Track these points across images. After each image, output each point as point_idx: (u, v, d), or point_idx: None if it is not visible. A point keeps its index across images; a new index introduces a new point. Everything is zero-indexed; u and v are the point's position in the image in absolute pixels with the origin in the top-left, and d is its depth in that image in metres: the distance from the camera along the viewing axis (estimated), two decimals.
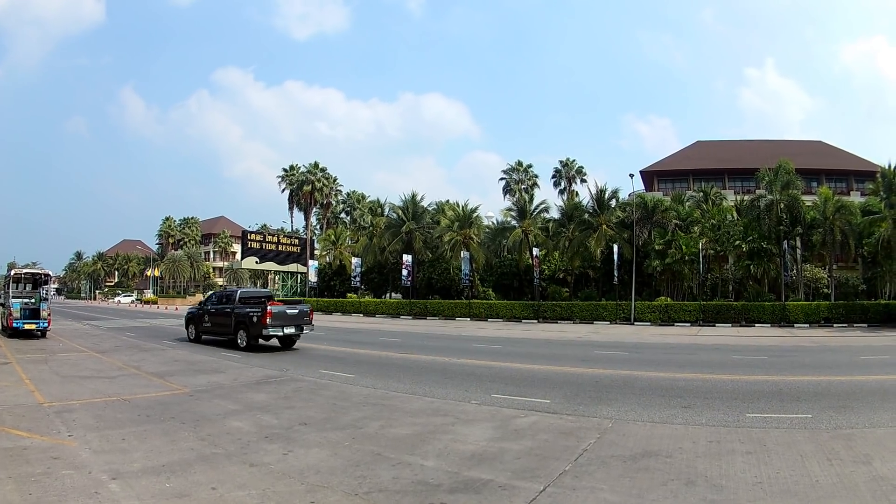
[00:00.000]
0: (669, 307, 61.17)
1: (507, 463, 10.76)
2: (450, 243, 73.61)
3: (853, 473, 10.38)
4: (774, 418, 15.04)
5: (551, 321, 62.62)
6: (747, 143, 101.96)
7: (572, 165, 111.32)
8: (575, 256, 68.75)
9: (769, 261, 63.25)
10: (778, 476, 10.23)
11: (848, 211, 61.73)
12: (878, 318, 56.62)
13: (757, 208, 63.54)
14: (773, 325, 55.96)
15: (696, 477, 10.13)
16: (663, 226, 66.43)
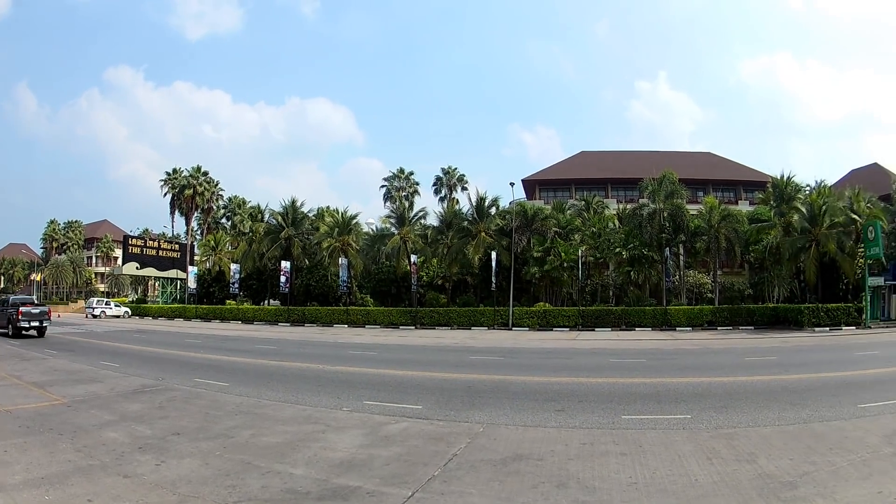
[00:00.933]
0: (548, 312, 61.57)
1: (376, 469, 10.63)
2: (328, 250, 72.94)
3: (736, 472, 10.35)
4: (651, 420, 15.02)
5: (429, 327, 62.29)
6: (633, 154, 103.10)
7: (454, 173, 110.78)
8: (453, 263, 69.00)
9: (650, 267, 64.65)
10: (654, 476, 10.12)
11: (735, 219, 64.25)
12: (765, 321, 58.47)
13: (639, 217, 64.87)
14: (654, 329, 56.88)
15: (567, 479, 9.97)
16: (543, 233, 67.22)
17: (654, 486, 9.59)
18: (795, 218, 60.06)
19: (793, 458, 11.15)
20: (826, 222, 58.63)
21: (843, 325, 55.38)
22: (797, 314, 56.92)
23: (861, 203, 61.71)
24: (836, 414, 15.63)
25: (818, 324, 55.09)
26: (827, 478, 10.04)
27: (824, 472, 10.37)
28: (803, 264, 60.12)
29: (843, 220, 59.61)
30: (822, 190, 64.49)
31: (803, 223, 59.38)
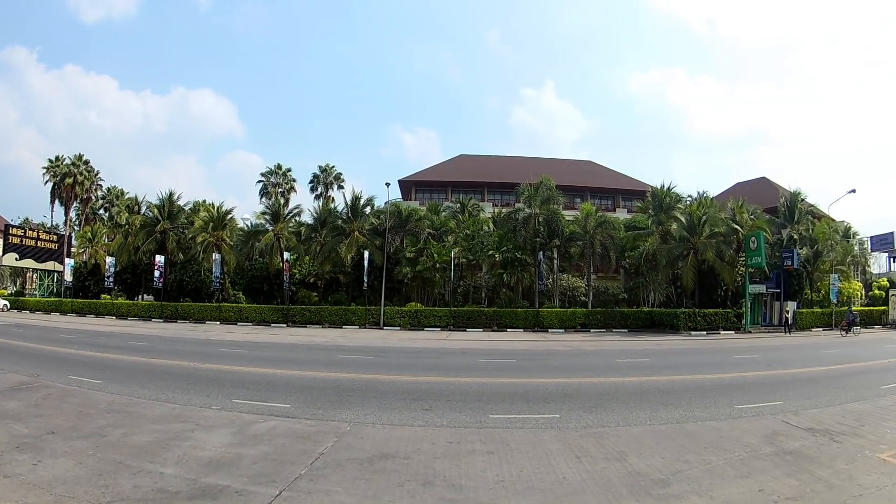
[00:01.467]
0: (419, 312, 61.41)
1: (244, 468, 10.53)
2: (202, 245, 70.81)
3: (605, 470, 10.43)
4: (519, 419, 15.06)
5: (301, 325, 61.33)
6: (513, 159, 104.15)
7: (331, 171, 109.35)
8: (326, 261, 68.23)
9: (523, 270, 65.01)
10: (521, 474, 10.12)
11: (611, 226, 65.30)
12: (640, 325, 59.96)
13: (514, 220, 65.32)
14: (526, 331, 57.09)
15: (434, 477, 9.91)
16: (416, 234, 67.11)
17: (521, 483, 9.56)
18: (674, 226, 61.85)
19: (665, 457, 11.25)
20: (706, 231, 60.23)
21: (722, 330, 56.99)
22: (673, 318, 58.79)
23: (744, 214, 63.80)
24: (710, 415, 15.89)
25: (695, 328, 56.66)
26: (702, 476, 10.13)
27: (699, 470, 10.46)
28: (681, 271, 61.61)
29: (723, 230, 61.31)
30: (704, 200, 66.51)
31: (682, 232, 60.92)
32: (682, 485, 9.61)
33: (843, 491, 9.62)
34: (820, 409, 16.83)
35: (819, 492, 9.53)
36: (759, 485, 9.72)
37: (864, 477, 10.44)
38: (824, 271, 68.33)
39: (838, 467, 10.93)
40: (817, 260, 67.10)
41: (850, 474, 10.54)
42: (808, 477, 10.25)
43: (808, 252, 66.58)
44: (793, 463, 11.09)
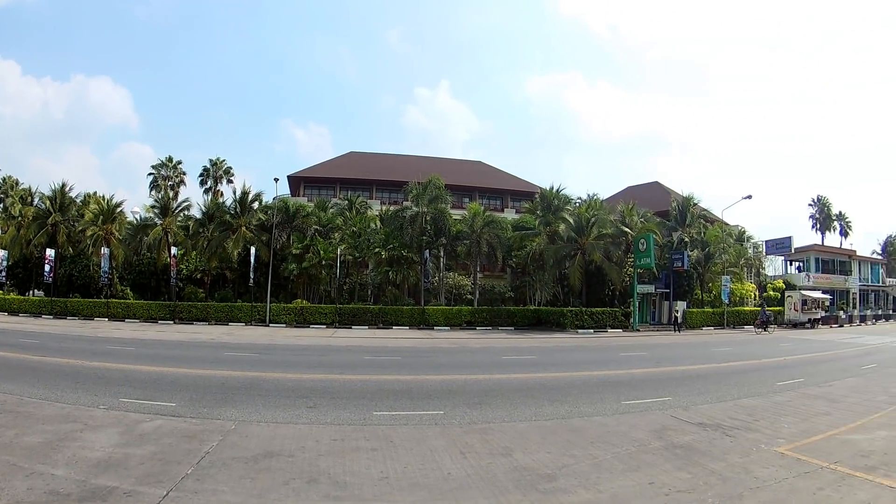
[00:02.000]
0: (305, 309, 61.07)
1: (132, 469, 10.28)
2: (92, 238, 68.74)
3: (491, 465, 10.49)
4: (403, 416, 15.07)
5: (187, 322, 60.01)
6: (403, 157, 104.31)
7: (221, 165, 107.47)
8: (213, 257, 67.04)
9: (409, 268, 65.23)
10: (406, 470, 10.16)
11: (498, 226, 65.96)
12: (526, 323, 60.47)
13: (401, 219, 65.60)
14: (412, 328, 57.43)
15: (318, 475, 9.86)
16: (303, 231, 67.01)
17: (405, 480, 9.58)
18: (562, 227, 62.34)
19: (551, 452, 11.35)
20: (594, 233, 61.26)
21: (610, 329, 58.04)
22: (560, 316, 59.50)
23: (634, 217, 65.48)
24: (597, 410, 16.11)
25: (582, 326, 57.39)
26: (589, 470, 10.23)
27: (586, 464, 10.57)
28: (568, 271, 62.78)
29: (612, 232, 62.61)
30: (594, 203, 68.02)
31: (570, 232, 61.60)
32: (568, 479, 9.68)
33: (739, 483, 9.80)
34: (711, 405, 17.21)
35: (713, 484, 9.69)
36: (648, 478, 9.82)
37: (760, 470, 10.63)
38: (716, 273, 70.64)
39: (732, 461, 11.15)
40: (709, 262, 69.58)
41: (745, 467, 10.76)
42: (700, 470, 10.43)
43: (700, 254, 68.86)
44: (683, 457, 11.26)
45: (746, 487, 9.61)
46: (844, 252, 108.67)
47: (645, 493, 9.15)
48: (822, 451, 12.16)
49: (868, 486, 9.97)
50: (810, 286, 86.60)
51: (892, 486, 9.90)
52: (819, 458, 11.50)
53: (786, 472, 10.48)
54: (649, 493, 9.15)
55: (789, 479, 10.09)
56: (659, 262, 64.16)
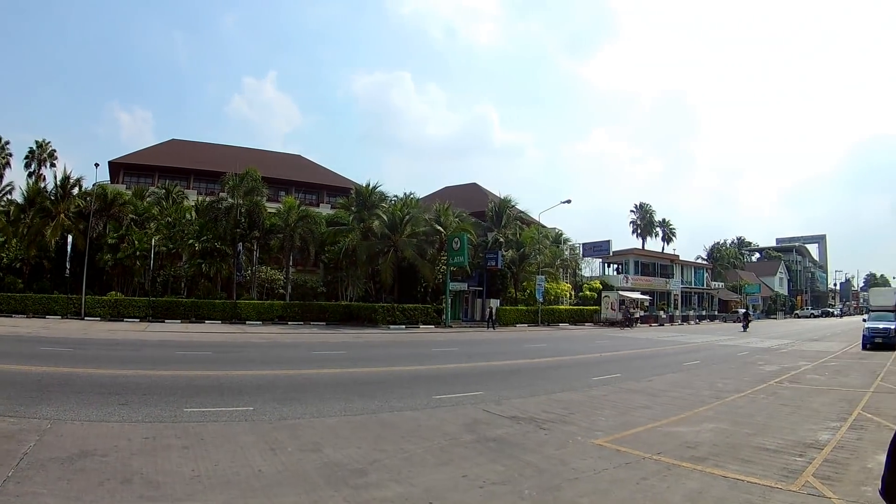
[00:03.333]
0: (120, 302, 59.20)
1: None
2: None
3: (301, 461, 10.58)
4: (214, 412, 14.96)
5: (6, 315, 56.44)
6: (224, 148, 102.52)
7: (46, 147, 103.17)
8: (32, 245, 63.58)
9: (223, 261, 64.29)
10: (217, 468, 10.08)
11: (312, 220, 66.19)
12: (338, 318, 60.91)
13: (217, 210, 65.08)
14: (224, 323, 56.93)
15: (132, 475, 9.64)
16: (119, 219, 64.82)
17: (216, 478, 9.53)
18: (376, 224, 63.00)
19: (361, 447, 11.50)
20: (408, 230, 62.98)
21: (422, 324, 59.52)
22: (372, 312, 60.31)
23: (449, 216, 66.87)
24: (408, 405, 16.42)
25: (394, 322, 58.53)
26: (400, 464, 10.40)
27: (397, 458, 10.76)
28: (381, 267, 63.26)
29: (426, 230, 64.22)
30: (409, 201, 68.95)
31: (384, 229, 62.73)
32: (380, 473, 9.83)
33: (557, 475, 10.09)
34: (524, 399, 17.69)
35: (528, 476, 9.94)
36: (461, 471, 10.06)
37: (578, 461, 10.96)
38: (531, 272, 73.35)
39: (548, 453, 11.49)
40: (523, 262, 72.67)
41: (561, 459, 11.09)
42: (515, 462, 10.69)
43: (515, 254, 71.87)
44: (496, 450, 11.55)
45: (564, 479, 9.89)
46: (666, 256, 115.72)
47: (459, 485, 9.34)
48: (643, 442, 12.67)
49: (697, 475, 10.39)
50: (629, 287, 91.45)
51: (724, 475, 10.33)
52: (640, 450, 11.93)
53: (605, 464, 10.85)
54: (463, 485, 9.35)
55: (609, 470, 10.46)
56: (473, 261, 66.00)
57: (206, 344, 35.16)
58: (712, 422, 15.10)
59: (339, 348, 34.74)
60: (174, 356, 28.38)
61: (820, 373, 27.74)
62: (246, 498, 8.73)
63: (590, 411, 16.14)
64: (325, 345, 36.85)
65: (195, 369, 23.23)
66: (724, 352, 39.22)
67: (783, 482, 9.99)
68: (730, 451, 12.08)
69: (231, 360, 27.34)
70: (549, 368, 27.01)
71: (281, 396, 17.06)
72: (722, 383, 22.97)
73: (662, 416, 15.81)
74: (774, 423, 15.17)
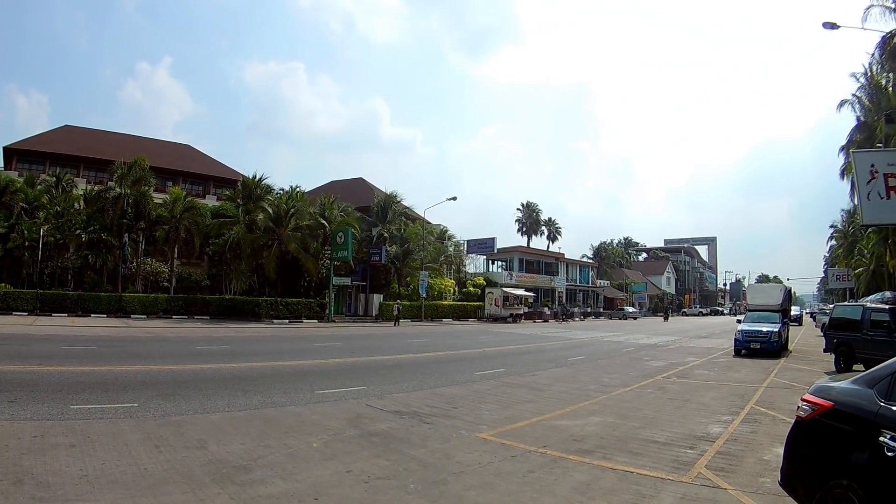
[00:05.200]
0: (8, 294, 57.27)
1: None
2: None
3: (186, 458, 10.54)
4: (99, 409, 14.74)
5: None
6: (116, 136, 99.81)
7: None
8: None
9: (108, 252, 63.07)
10: (104, 467, 9.93)
11: (198, 212, 65.87)
12: (222, 312, 60.52)
13: (104, 199, 63.73)
14: (109, 316, 55.89)
15: (24, 475, 9.43)
16: (10, 208, 63.07)
17: (104, 477, 9.44)
18: (261, 216, 63.61)
19: (245, 444, 11.59)
20: (292, 224, 63.15)
21: (305, 319, 60.02)
22: (255, 306, 60.74)
23: (334, 210, 67.49)
24: (290, 400, 16.58)
25: (277, 316, 59.07)
26: (285, 460, 10.53)
27: (281, 454, 10.88)
28: (265, 260, 62.89)
29: (311, 224, 64.61)
30: (295, 194, 69.14)
31: (268, 223, 63.00)
32: (264, 470, 9.92)
33: (442, 469, 10.29)
34: (407, 394, 17.99)
35: (413, 470, 10.13)
36: (345, 466, 10.21)
37: (463, 455, 11.19)
38: (415, 268, 74.25)
39: (432, 447, 11.75)
40: (407, 257, 73.79)
41: (446, 453, 11.33)
42: (399, 457, 10.91)
43: (399, 249, 72.98)
44: (380, 444, 11.76)
45: (449, 472, 10.09)
46: (551, 254, 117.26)
47: (343, 481, 9.47)
48: (528, 436, 12.93)
49: (585, 467, 10.63)
50: (513, 284, 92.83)
51: (613, 467, 10.61)
52: (525, 444, 12.15)
53: (490, 457, 11.09)
54: (348, 480, 9.48)
55: (495, 464, 10.68)
56: (357, 256, 66.88)
57: (92, 338, 34.57)
58: (599, 415, 15.44)
59: (223, 343, 34.76)
60: (60, 351, 27.82)
61: (709, 368, 28.47)
62: (134, 497, 8.66)
63: (474, 405, 16.44)
64: (208, 339, 36.82)
65: (81, 364, 22.74)
66: (610, 347, 40.02)
67: (675, 474, 10.32)
68: (617, 444, 12.43)
69: (115, 355, 26.80)
70: (433, 363, 27.34)
71: (165, 392, 16.97)
72: (608, 378, 23.40)
73: (547, 409, 16.14)
74: (663, 417, 15.62)
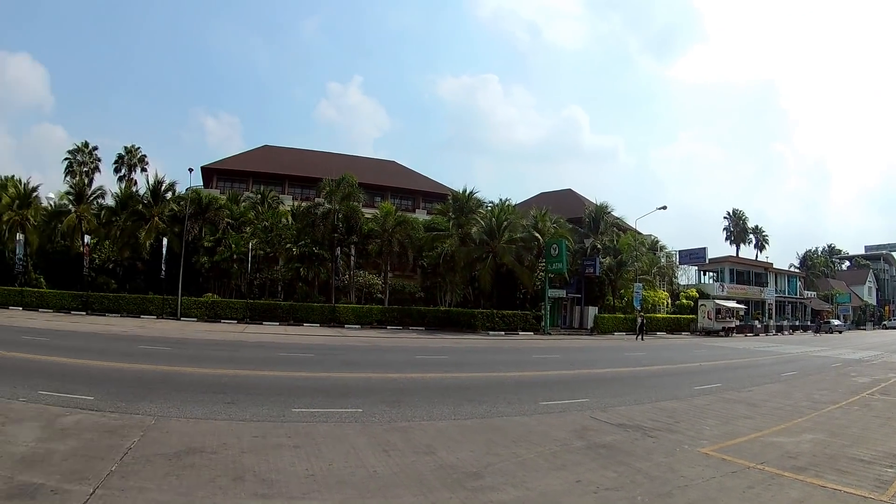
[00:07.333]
0: (217, 304, 60.42)
1: (56, 465, 9.74)
2: (8, 224, 66.58)
3: (415, 463, 10.46)
4: (322, 413, 14.85)
5: (100, 313, 58.44)
6: (317, 153, 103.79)
7: (136, 153, 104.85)
8: (125, 247, 65.48)
9: (320, 265, 65.00)
10: (331, 468, 10.00)
11: (410, 226, 66.28)
12: (436, 323, 60.68)
13: (313, 215, 65.43)
14: (322, 326, 57.31)
15: (244, 472, 9.61)
16: (216, 223, 66.22)
17: (332, 477, 9.47)
18: (474, 230, 62.63)
19: (473, 451, 11.35)
20: (506, 236, 61.91)
21: (521, 331, 58.75)
22: (471, 318, 60.24)
23: (546, 222, 65.84)
24: (515, 410, 16.19)
25: (493, 328, 58.15)
26: (514, 468, 10.24)
27: (510, 462, 10.59)
28: (479, 273, 62.63)
29: (524, 236, 63.40)
30: (505, 207, 67.89)
31: (482, 235, 61.96)
32: (495, 477, 9.69)
33: (667, 482, 9.94)
34: (629, 407, 17.40)
35: (640, 482, 9.78)
36: (575, 476, 9.88)
37: (687, 469, 10.82)
38: (628, 280, 71.93)
39: (657, 460, 11.30)
40: (621, 269, 70.97)
41: (670, 467, 10.93)
42: (626, 469, 10.51)
43: (612, 261, 70.26)
44: (607, 456, 11.32)
45: (674, 486, 9.75)
46: (760, 264, 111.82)
47: (573, 490, 9.20)
48: (747, 452, 12.42)
49: (799, 485, 10.19)
50: (724, 296, 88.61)
51: (824, 485, 10.16)
52: (745, 459, 11.70)
53: (713, 472, 10.68)
54: (577, 490, 9.20)
55: (717, 478, 10.29)
56: (571, 268, 64.82)
57: (307, 346, 35.37)
58: (811, 433, 14.83)
59: (441, 353, 34.80)
60: (276, 357, 28.69)
61: None
62: (363, 498, 8.70)
63: (694, 420, 15.87)
64: (425, 349, 36.92)
65: (299, 370, 23.44)
66: (819, 363, 38.14)
67: (875, 492, 9.88)
68: (828, 462, 11.91)
69: (334, 363, 27.43)
70: (651, 377, 26.64)
71: (389, 399, 16.98)
72: (818, 395, 22.43)
73: (764, 426, 15.54)
74: (868, 435, 14.86)
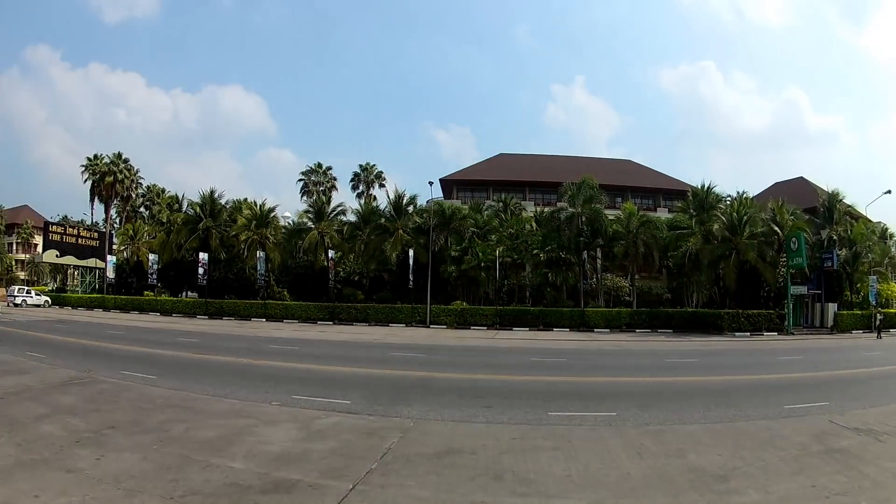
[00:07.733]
0: (466, 311, 61.80)
1: (314, 463, 10.62)
2: (246, 242, 71.65)
3: (666, 466, 10.71)
4: (578, 416, 15.30)
5: (346, 323, 61.71)
6: (551, 158, 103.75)
7: (371, 170, 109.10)
8: (371, 260, 69.22)
9: (568, 269, 65.39)
10: (587, 469, 10.39)
11: (653, 226, 65.55)
12: (683, 325, 60.31)
13: (557, 220, 66.14)
14: (572, 330, 57.33)
15: (503, 472, 10.16)
16: (461, 233, 67.77)
17: (588, 478, 9.83)
18: (716, 227, 61.23)
19: (721, 454, 11.47)
20: (746, 232, 60.14)
21: (765, 331, 57.14)
22: (717, 319, 58.96)
23: (784, 215, 64.00)
24: (761, 414, 16.12)
25: (738, 329, 56.79)
26: (757, 472, 10.38)
27: (755, 467, 10.71)
28: (723, 271, 61.85)
29: (764, 230, 61.24)
30: (744, 200, 66.09)
31: (724, 232, 60.66)
32: (739, 480, 9.88)
33: (888, 487, 9.82)
34: (865, 410, 16.92)
35: (866, 488, 9.71)
36: (811, 481, 9.95)
37: None
38: (863, 273, 67.60)
39: (884, 465, 11.07)
40: (856, 261, 66.62)
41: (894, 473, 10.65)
42: (856, 474, 10.42)
43: (848, 253, 66.14)
44: (841, 461, 11.23)
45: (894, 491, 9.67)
46: None
47: (808, 495, 9.31)
48: None
49: None
50: None
51: None
52: None
53: None
54: (811, 495, 9.31)
55: None
56: (809, 262, 61.57)
57: (559, 351, 35.96)
58: None
59: (689, 356, 34.63)
60: (529, 362, 29.35)
61: None
62: (616, 498, 9.08)
63: None
64: (674, 352, 36.92)
65: (552, 375, 23.90)
66: None
67: None
68: None
69: (586, 367, 27.93)
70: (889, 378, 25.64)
71: (641, 402, 17.32)
72: None
73: None
74: None
